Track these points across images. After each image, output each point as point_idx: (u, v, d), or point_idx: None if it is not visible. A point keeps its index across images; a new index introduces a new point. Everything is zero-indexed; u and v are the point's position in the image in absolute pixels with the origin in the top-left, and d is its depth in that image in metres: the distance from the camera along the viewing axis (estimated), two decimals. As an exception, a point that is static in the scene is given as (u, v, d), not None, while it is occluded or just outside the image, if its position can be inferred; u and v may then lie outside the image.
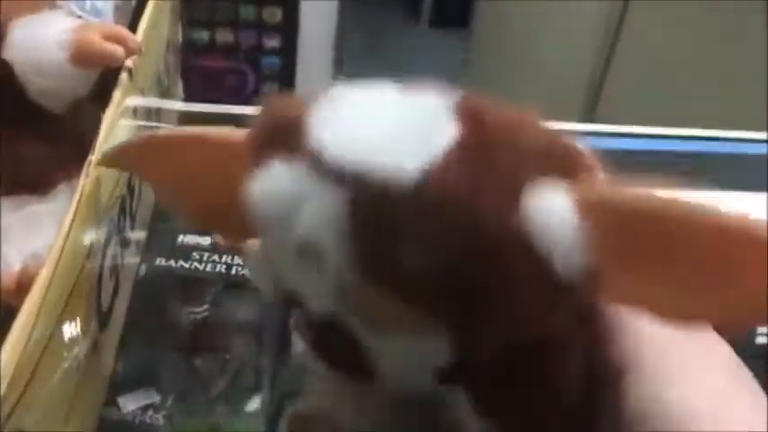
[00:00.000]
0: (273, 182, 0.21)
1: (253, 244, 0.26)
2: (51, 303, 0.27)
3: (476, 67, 2.29)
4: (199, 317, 0.48)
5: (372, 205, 0.20)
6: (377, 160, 0.20)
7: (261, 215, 0.21)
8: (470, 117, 0.20)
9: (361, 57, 2.41)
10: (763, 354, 0.36)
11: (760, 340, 0.37)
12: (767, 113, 1.11)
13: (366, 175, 0.20)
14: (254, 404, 0.44)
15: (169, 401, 0.44)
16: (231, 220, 0.25)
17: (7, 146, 0.34)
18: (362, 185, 0.20)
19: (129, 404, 0.44)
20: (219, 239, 0.32)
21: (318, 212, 0.20)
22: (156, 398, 0.44)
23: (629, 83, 1.48)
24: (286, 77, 1.71)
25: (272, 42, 1.67)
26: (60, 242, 0.27)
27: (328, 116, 0.21)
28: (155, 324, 0.46)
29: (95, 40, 0.34)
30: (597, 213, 0.19)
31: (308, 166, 0.20)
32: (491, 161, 0.20)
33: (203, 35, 1.59)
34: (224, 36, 1.65)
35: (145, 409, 0.44)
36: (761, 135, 0.68)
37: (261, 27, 1.65)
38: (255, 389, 0.44)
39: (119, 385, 0.42)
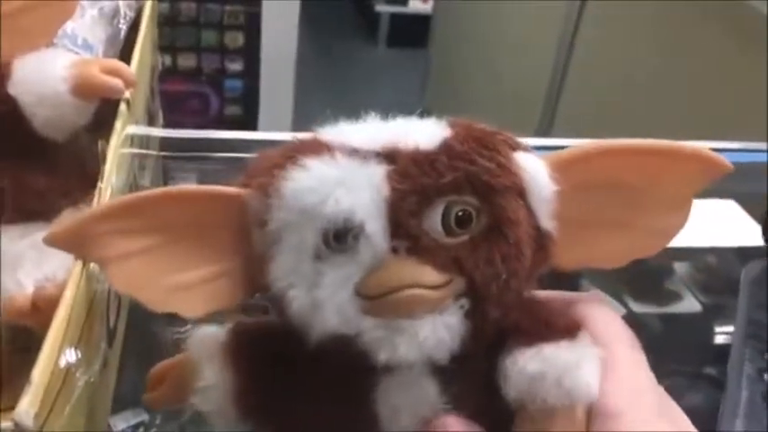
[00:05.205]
0: (311, 172, 0.24)
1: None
2: (74, 324, 0.28)
3: (434, 87, 2.33)
4: (183, 336, 0.49)
5: (409, 167, 0.24)
6: (402, 139, 0.25)
7: (297, 208, 0.24)
8: (456, 124, 0.26)
9: (322, 78, 2.44)
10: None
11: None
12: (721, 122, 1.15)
13: (398, 148, 0.24)
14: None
15: (158, 420, 0.46)
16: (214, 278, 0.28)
17: (15, 177, 0.36)
18: (397, 156, 0.24)
19: (120, 423, 0.45)
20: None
21: (360, 187, 0.23)
22: (146, 416, 0.45)
23: (584, 98, 1.53)
24: (249, 100, 1.73)
25: (235, 66, 1.69)
26: (80, 266, 0.29)
27: (343, 129, 0.25)
28: (142, 343, 0.47)
29: (96, 73, 0.36)
30: (561, 169, 0.26)
31: (344, 154, 0.24)
32: (482, 139, 0.26)
33: (166, 60, 1.60)
34: (186, 60, 1.66)
35: (135, 427, 0.45)
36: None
37: (223, 51, 1.67)
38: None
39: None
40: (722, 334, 0.56)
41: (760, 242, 0.51)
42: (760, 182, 0.54)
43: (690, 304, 0.58)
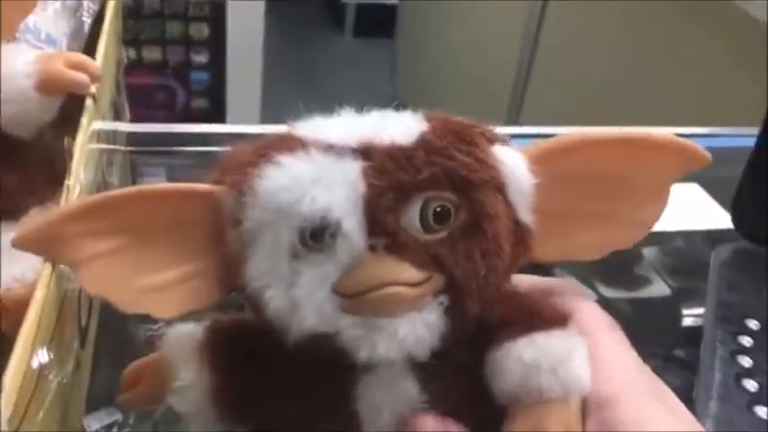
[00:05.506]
0: (286, 170, 0.24)
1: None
2: (45, 325, 0.27)
3: (402, 76, 2.33)
4: (155, 334, 0.49)
5: (386, 162, 0.24)
6: (378, 134, 0.24)
7: (272, 206, 0.24)
8: (433, 118, 0.26)
9: (289, 68, 2.42)
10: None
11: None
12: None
13: (374, 143, 0.24)
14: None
15: (132, 419, 0.45)
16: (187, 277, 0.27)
17: (-19, 176, 0.35)
18: (373, 151, 0.24)
19: (94, 424, 0.44)
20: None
21: (336, 184, 0.23)
22: (119, 416, 0.45)
23: (551, 85, 1.53)
24: (216, 92, 1.71)
25: (201, 58, 1.67)
26: (49, 265, 0.28)
27: (317, 124, 0.25)
28: (114, 342, 0.47)
29: (61, 68, 0.36)
30: (540, 161, 0.26)
31: (319, 150, 0.24)
32: (459, 133, 0.25)
33: (130, 53, 1.57)
34: (151, 53, 1.64)
35: (109, 427, 0.44)
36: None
37: (188, 43, 1.65)
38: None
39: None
40: (691, 317, 0.56)
41: (725, 225, 0.52)
42: (724, 166, 0.54)
43: (659, 288, 0.58)
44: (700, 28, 1.15)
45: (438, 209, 0.24)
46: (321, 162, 0.23)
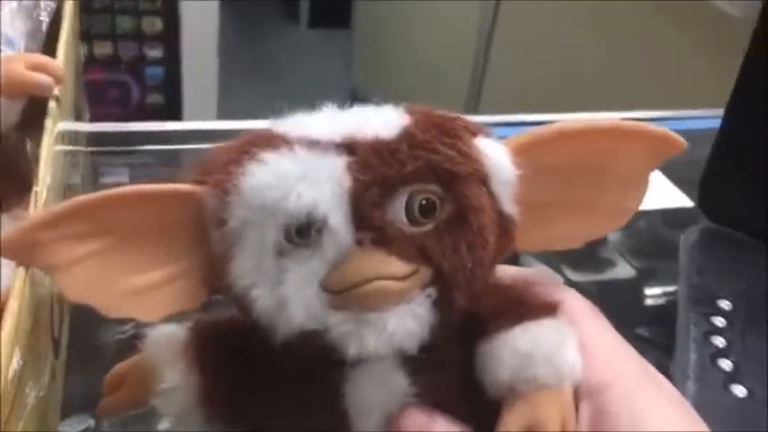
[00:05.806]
0: (270, 167, 0.23)
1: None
2: (21, 336, 0.27)
3: (359, 67, 2.32)
4: (125, 336, 0.48)
5: (370, 157, 0.23)
6: (361, 128, 0.24)
7: (257, 204, 0.23)
8: (414, 111, 0.26)
9: (244, 61, 2.39)
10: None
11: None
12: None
13: (357, 138, 0.24)
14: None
15: (105, 425, 0.44)
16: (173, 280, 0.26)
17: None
18: (357, 146, 0.24)
19: (66, 430, 0.43)
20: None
21: (321, 180, 0.23)
22: (92, 422, 0.44)
23: (509, 71, 1.54)
24: (171, 87, 1.68)
25: (155, 53, 1.64)
26: (23, 273, 0.27)
27: (299, 120, 0.25)
28: (85, 348, 0.46)
29: (22, 71, 0.35)
30: (522, 152, 0.26)
31: (302, 147, 0.23)
32: (442, 126, 0.25)
33: (81, 48, 1.54)
34: (102, 48, 1.60)
35: (81, 433, 0.43)
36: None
37: (141, 38, 1.62)
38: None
39: (55, 412, 0.42)
40: (657, 296, 0.57)
41: (682, 204, 0.53)
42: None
43: (624, 270, 0.59)
44: (657, 13, 1.16)
45: (423, 202, 0.24)
46: (305, 158, 0.23)
